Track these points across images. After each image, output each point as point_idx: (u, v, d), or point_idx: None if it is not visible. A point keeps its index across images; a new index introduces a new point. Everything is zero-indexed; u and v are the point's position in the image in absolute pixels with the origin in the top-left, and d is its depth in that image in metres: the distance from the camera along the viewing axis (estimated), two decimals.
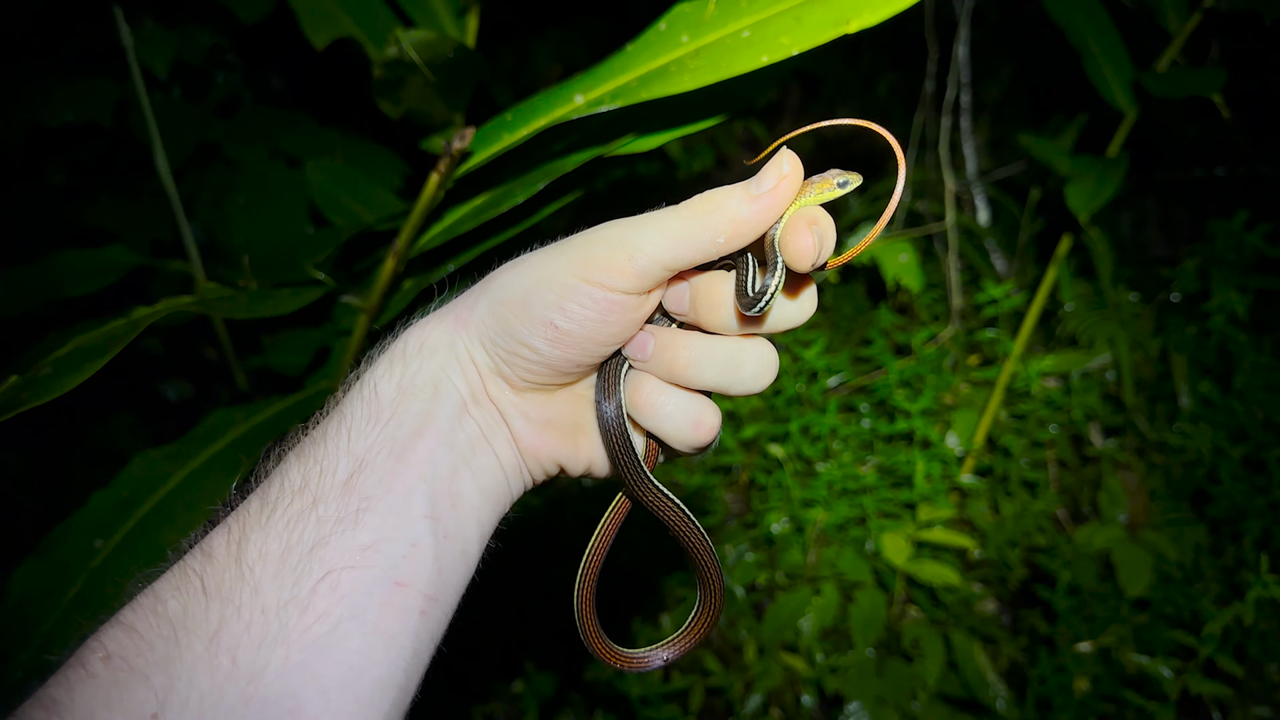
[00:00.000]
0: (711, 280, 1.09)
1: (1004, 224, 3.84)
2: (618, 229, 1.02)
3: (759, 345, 1.09)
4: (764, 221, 1.00)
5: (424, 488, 0.99)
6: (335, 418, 1.03)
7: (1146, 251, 3.99)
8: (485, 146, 1.73)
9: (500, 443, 1.10)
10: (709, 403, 1.12)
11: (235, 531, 0.94)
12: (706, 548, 1.20)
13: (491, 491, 1.08)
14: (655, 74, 1.51)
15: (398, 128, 2.12)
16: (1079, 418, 3.10)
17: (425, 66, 1.72)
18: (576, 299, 1.01)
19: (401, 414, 1.02)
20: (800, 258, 0.98)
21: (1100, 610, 2.74)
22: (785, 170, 0.99)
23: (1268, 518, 2.82)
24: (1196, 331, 3.26)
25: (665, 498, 1.16)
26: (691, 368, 1.08)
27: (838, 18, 1.33)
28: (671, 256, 1.00)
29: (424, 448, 1.01)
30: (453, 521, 1.01)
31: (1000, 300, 3.16)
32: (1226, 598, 2.73)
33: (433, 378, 1.05)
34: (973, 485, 3.03)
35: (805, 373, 3.24)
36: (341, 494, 0.96)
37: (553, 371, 1.07)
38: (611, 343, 1.07)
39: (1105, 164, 2.83)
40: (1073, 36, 2.95)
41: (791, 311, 1.08)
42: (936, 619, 2.86)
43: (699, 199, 1.01)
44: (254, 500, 0.98)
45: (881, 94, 4.51)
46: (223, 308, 1.65)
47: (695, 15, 1.55)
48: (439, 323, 1.08)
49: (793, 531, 3.01)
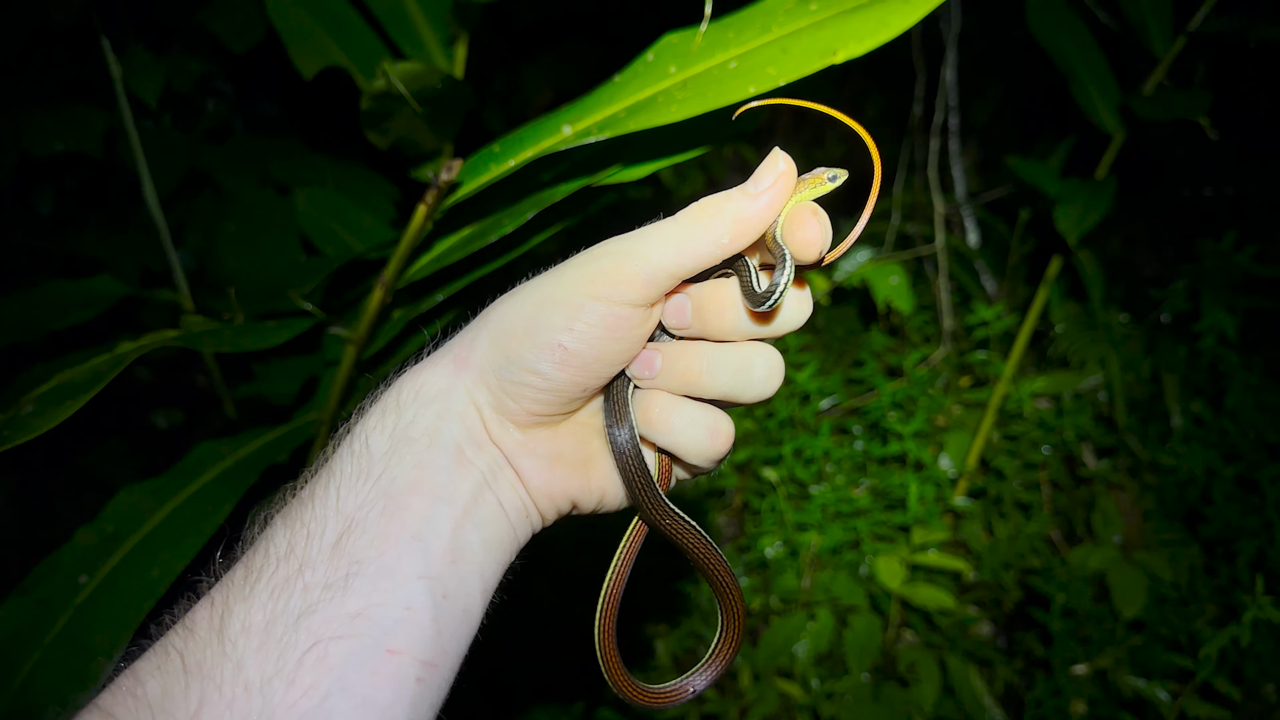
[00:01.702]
0: (714, 288, 1.10)
1: (994, 246, 3.85)
2: (620, 243, 1.02)
3: (765, 349, 1.10)
4: (766, 218, 1.01)
5: (419, 546, 0.95)
6: (324, 475, 0.99)
7: (1136, 272, 4.00)
8: (473, 177, 1.72)
9: (504, 488, 1.06)
10: (721, 411, 1.12)
11: (218, 604, 0.90)
12: (726, 569, 1.20)
13: (495, 541, 1.04)
14: (643, 105, 1.51)
15: (389, 153, 2.12)
16: (1071, 439, 3.10)
17: (413, 98, 1.72)
18: (585, 317, 1.00)
19: (395, 468, 0.98)
20: (808, 247, 1.00)
21: (1095, 632, 2.73)
22: (782, 167, 1.01)
23: (1262, 538, 2.82)
24: (1187, 352, 3.27)
25: (684, 522, 1.16)
26: (705, 375, 1.08)
27: (824, 49, 1.33)
28: (677, 263, 1.00)
29: (420, 503, 0.97)
30: (453, 579, 0.97)
31: (991, 322, 3.17)
32: (1222, 619, 2.72)
33: (429, 426, 1.02)
34: (966, 507, 3.03)
35: (798, 395, 3.24)
36: (330, 558, 0.92)
37: (559, 399, 1.05)
38: (618, 361, 1.06)
39: (1094, 186, 2.84)
40: (1059, 60, 2.97)
41: (795, 310, 1.09)
42: (932, 643, 2.84)
43: (697, 205, 1.02)
44: (238, 569, 0.94)
45: (870, 117, 4.53)
46: (208, 341, 1.64)
47: (683, 46, 1.56)
48: (435, 366, 1.06)
49: (787, 555, 2.99)
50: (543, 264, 1.06)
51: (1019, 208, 3.62)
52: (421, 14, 2.14)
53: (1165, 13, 2.90)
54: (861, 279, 3.36)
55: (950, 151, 3.79)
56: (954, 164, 3.80)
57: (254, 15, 2.96)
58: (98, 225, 3.10)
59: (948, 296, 3.54)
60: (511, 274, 1.10)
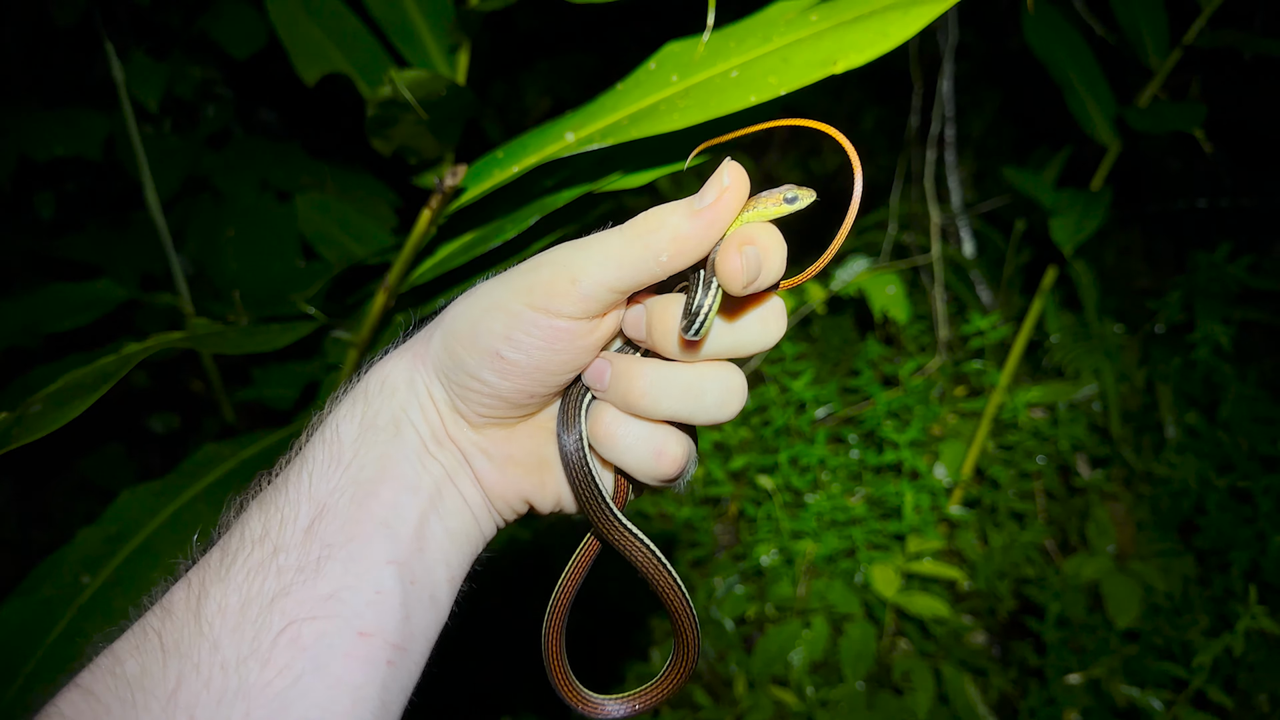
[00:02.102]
0: (665, 303, 1.03)
1: (989, 256, 3.87)
2: (562, 252, 0.97)
3: (722, 371, 1.03)
4: (705, 238, 0.94)
5: (388, 533, 0.96)
6: (298, 462, 1.00)
7: (1131, 283, 4.03)
8: (477, 183, 1.74)
9: (465, 483, 1.06)
10: (673, 432, 1.05)
11: (195, 586, 0.91)
12: (679, 595, 1.11)
13: (460, 533, 1.04)
14: (645, 112, 1.53)
15: (389, 160, 2.13)
16: (1066, 448, 3.11)
17: (419, 105, 1.73)
18: (522, 327, 0.96)
19: (363, 456, 0.99)
20: (730, 279, 0.92)
21: (1090, 642, 2.74)
22: (725, 183, 0.93)
23: (1255, 548, 2.83)
24: (1181, 362, 3.28)
25: (633, 537, 1.09)
26: (647, 397, 1.01)
27: (825, 59, 1.35)
28: (616, 278, 0.95)
29: (387, 491, 0.98)
30: (420, 566, 0.98)
31: (986, 332, 3.18)
32: (1216, 629, 2.73)
33: (393, 417, 1.02)
34: (961, 516, 3.03)
35: (793, 403, 3.25)
36: (303, 542, 0.93)
37: (507, 404, 1.03)
38: (563, 371, 1.02)
39: (1089, 197, 2.86)
40: (1055, 72, 2.99)
41: (747, 335, 1.01)
42: (927, 651, 2.85)
43: (642, 217, 0.95)
44: (215, 553, 0.95)
45: (867, 128, 4.55)
46: (213, 343, 1.65)
47: (685, 55, 1.57)
48: (400, 359, 1.05)
49: (782, 563, 3.00)
50: None
51: (1015, 218, 3.64)
52: (424, 22, 2.15)
53: (1160, 26, 2.92)
54: (858, 288, 3.38)
55: (946, 162, 3.81)
56: (950, 175, 3.82)
57: (255, 22, 2.98)
58: (97, 229, 3.11)
59: (943, 306, 3.56)
60: None
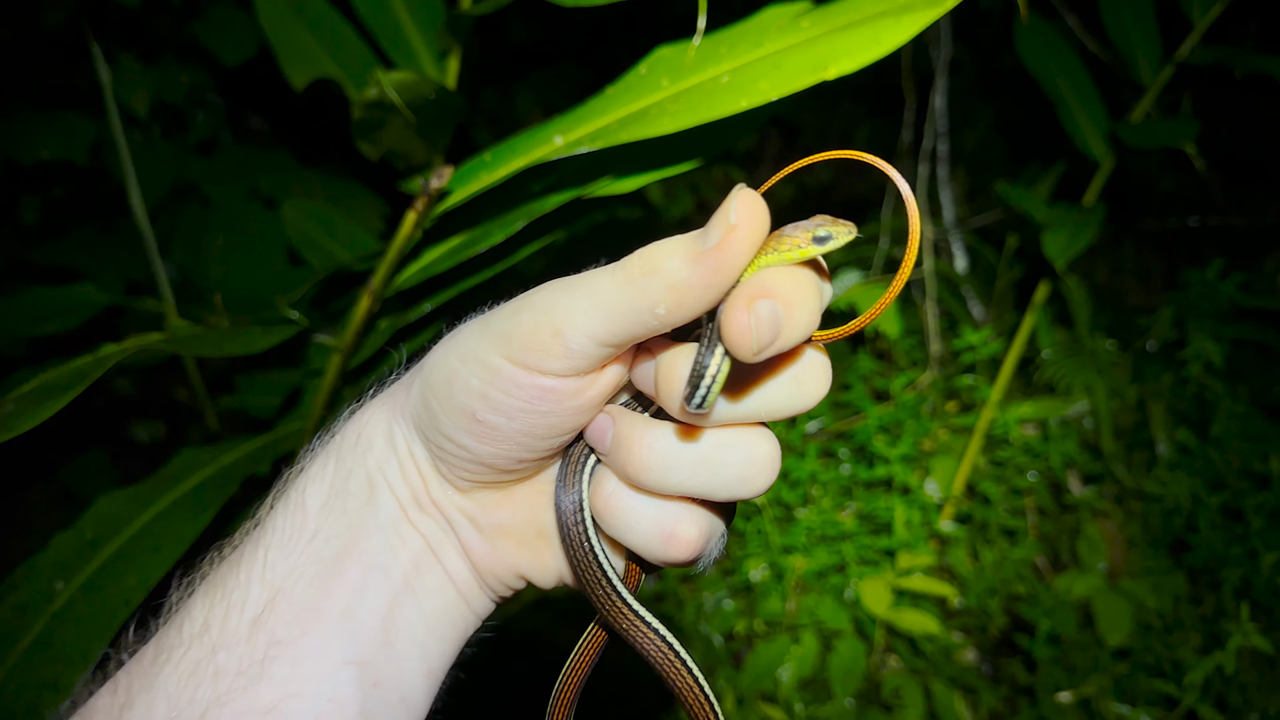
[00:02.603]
0: (674, 359, 0.81)
1: (982, 271, 3.86)
2: (544, 294, 0.80)
3: (747, 438, 0.83)
4: (711, 287, 0.73)
5: (348, 625, 0.83)
6: (256, 534, 0.87)
7: (1123, 300, 4.03)
8: (463, 186, 1.72)
9: (450, 557, 0.91)
10: (689, 509, 0.86)
11: (121, 691, 0.80)
12: (700, 697, 0.91)
13: (443, 618, 0.91)
14: (635, 116, 1.51)
15: (378, 168, 2.11)
16: (1057, 465, 3.10)
17: (405, 108, 1.71)
18: (499, 385, 0.79)
19: (330, 528, 0.85)
20: (738, 343, 0.72)
21: (1080, 660, 2.71)
22: (733, 220, 0.71)
23: (1246, 566, 2.81)
24: (1173, 379, 3.28)
25: (644, 626, 0.90)
26: (651, 471, 0.82)
27: (816, 64, 1.33)
28: (606, 331, 0.76)
29: (352, 573, 0.85)
30: (386, 666, 0.85)
31: (978, 347, 3.17)
32: (1207, 647, 2.71)
33: (368, 478, 0.88)
34: (952, 533, 3.02)
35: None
36: (248, 637, 0.80)
37: (491, 470, 0.87)
38: (552, 436, 0.85)
39: (1081, 213, 2.85)
40: (1048, 87, 2.99)
41: (776, 398, 0.82)
42: (916, 668, 2.82)
43: (636, 256, 0.76)
44: (149, 648, 0.83)
45: (859, 142, 4.56)
46: (193, 345, 1.63)
47: (676, 59, 1.56)
48: (379, 409, 0.91)
49: (772, 579, 2.97)
50: (530, 282, 0.86)
51: (1007, 234, 3.64)
52: (414, 26, 2.14)
53: (1153, 41, 2.93)
54: (849, 302, 3.37)
55: (939, 177, 3.81)
56: (943, 189, 3.82)
57: (246, 29, 2.97)
58: (83, 234, 3.09)
59: (935, 321, 3.55)
60: (495, 290, 1.01)
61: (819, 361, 0.82)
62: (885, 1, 1.39)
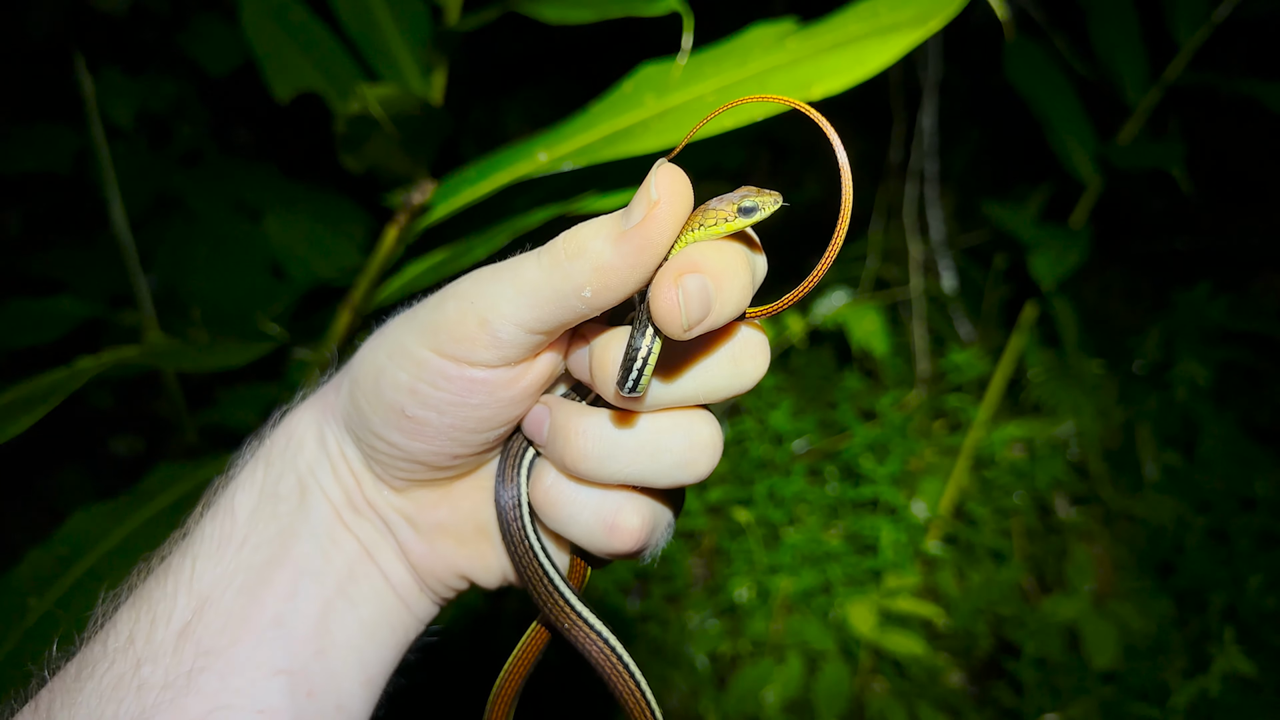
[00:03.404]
0: (609, 342, 0.80)
1: (970, 291, 3.86)
2: (469, 283, 0.79)
3: (686, 422, 0.81)
4: (635, 267, 0.72)
5: (279, 634, 0.81)
6: (184, 544, 0.85)
7: (1111, 321, 4.02)
8: (446, 201, 1.71)
9: (387, 559, 0.90)
10: (631, 498, 0.84)
11: (42, 709, 0.78)
12: (642, 702, 0.88)
13: (380, 623, 0.89)
14: (619, 134, 1.50)
15: (365, 181, 2.09)
16: (1044, 486, 3.09)
17: (389, 122, 1.70)
18: (428, 378, 0.78)
19: (258, 535, 0.83)
20: (667, 320, 0.71)
21: (1066, 682, 2.70)
22: (654, 196, 0.70)
23: (1232, 590, 2.81)
24: (1160, 401, 3.27)
25: (586, 627, 0.88)
26: (588, 459, 0.80)
27: (800, 84, 1.34)
28: (533, 318, 0.75)
29: (283, 579, 0.83)
30: (320, 674, 0.83)
31: (965, 367, 3.16)
32: (1192, 670, 2.70)
33: (299, 481, 0.86)
34: (939, 553, 3.00)
35: (771, 435, 3.21)
36: (174, 650, 0.78)
37: (426, 468, 0.85)
38: (485, 429, 0.83)
39: (1069, 233, 2.86)
40: (1036, 108, 3.00)
41: (713, 378, 0.80)
42: (902, 691, 2.80)
43: (561, 239, 0.75)
44: (73, 665, 0.80)
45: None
46: (169, 360, 1.61)
47: (660, 77, 1.55)
48: (308, 410, 0.90)
49: (757, 599, 2.95)
50: None
51: (995, 253, 3.64)
52: (401, 40, 2.13)
53: (1139, 63, 2.94)
54: (837, 321, 3.36)
55: (928, 197, 3.81)
56: (931, 209, 3.82)
57: (233, 39, 2.95)
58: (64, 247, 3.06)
59: (923, 340, 3.54)
60: None
61: (755, 339, 0.80)
62: (870, 23, 1.39)
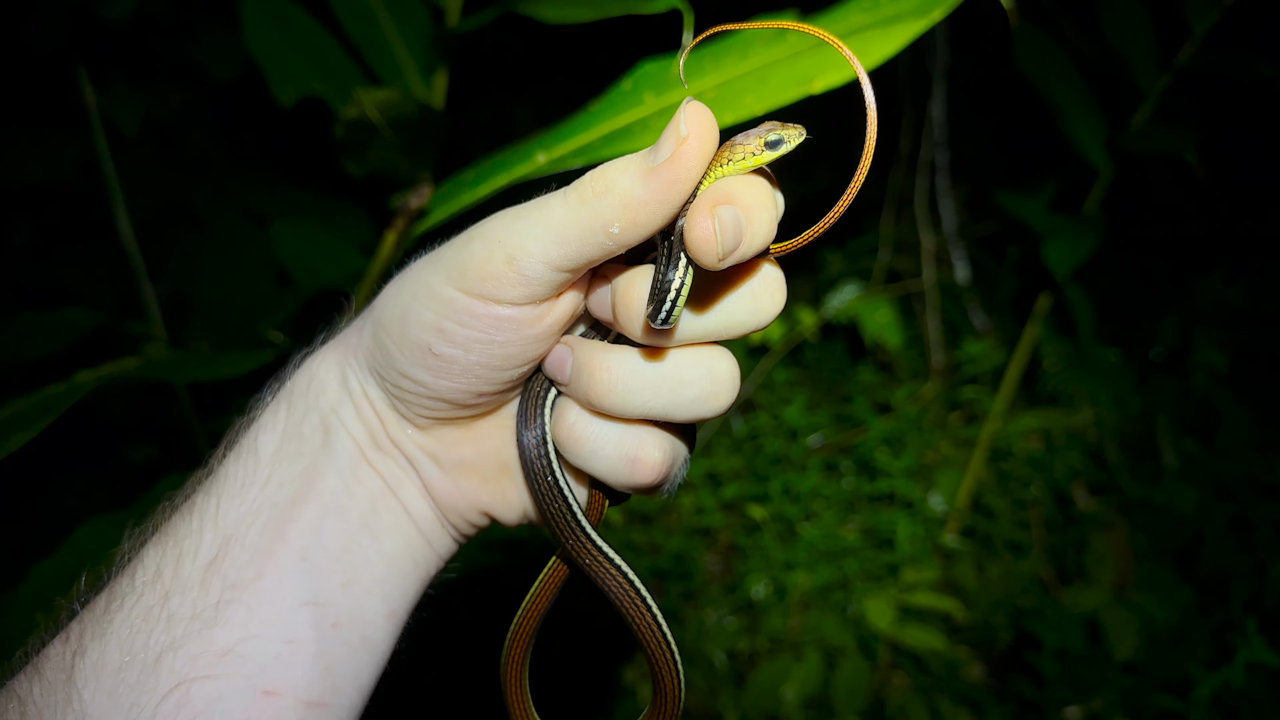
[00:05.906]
0: (632, 280, 0.83)
1: (983, 281, 3.82)
2: (496, 223, 0.80)
3: (707, 357, 0.84)
4: (665, 203, 0.74)
5: (304, 566, 0.83)
6: (208, 483, 0.87)
7: (1127, 309, 3.98)
8: (445, 204, 1.70)
9: (410, 495, 0.92)
10: (653, 433, 0.87)
11: (73, 640, 0.79)
12: (658, 636, 0.92)
13: (404, 557, 0.91)
14: (618, 133, 1.49)
15: (371, 185, 2.09)
16: (1062, 476, 3.06)
17: (387, 126, 1.69)
18: (455, 316, 0.80)
19: (282, 473, 0.85)
20: (703, 250, 0.73)
21: (1088, 674, 2.67)
22: (683, 132, 0.72)
23: (1254, 579, 2.77)
24: (1178, 389, 3.24)
25: (606, 561, 0.91)
26: (613, 393, 0.83)
27: (801, 78, 1.32)
28: (560, 256, 0.77)
29: (308, 515, 0.85)
30: (345, 605, 0.85)
31: (980, 358, 3.14)
32: (1215, 660, 2.67)
33: (322, 421, 0.88)
34: (957, 546, 2.98)
35: (786, 431, 3.19)
36: (201, 582, 0.80)
37: (450, 405, 0.87)
38: (510, 367, 0.85)
39: (1082, 221, 2.82)
40: (1047, 96, 2.96)
41: (734, 314, 0.82)
42: (922, 685, 2.78)
43: (589, 177, 0.77)
44: (102, 597, 0.82)
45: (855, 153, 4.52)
46: (168, 370, 1.60)
47: (660, 75, 1.54)
48: (329, 353, 0.92)
49: (774, 595, 2.93)
50: None
51: (1008, 243, 3.61)
52: (401, 43, 2.12)
53: (1149, 48, 2.89)
54: (850, 315, 3.34)
55: (938, 187, 3.77)
56: (942, 200, 3.79)
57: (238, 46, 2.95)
58: (73, 257, 3.07)
59: (937, 332, 3.51)
60: None
61: (774, 275, 0.83)
62: (872, 14, 1.37)
